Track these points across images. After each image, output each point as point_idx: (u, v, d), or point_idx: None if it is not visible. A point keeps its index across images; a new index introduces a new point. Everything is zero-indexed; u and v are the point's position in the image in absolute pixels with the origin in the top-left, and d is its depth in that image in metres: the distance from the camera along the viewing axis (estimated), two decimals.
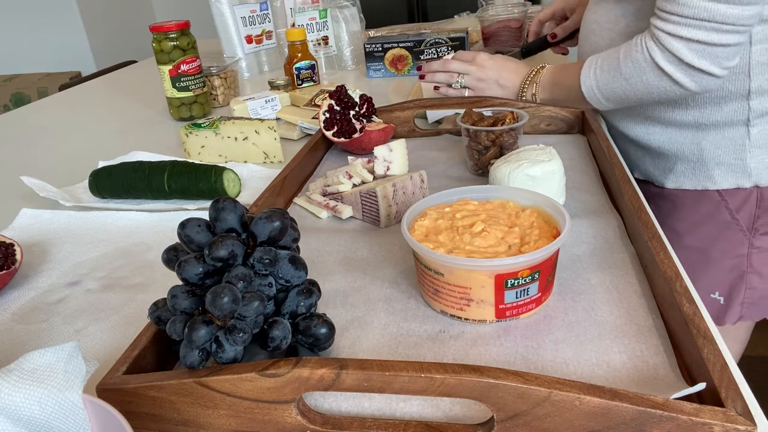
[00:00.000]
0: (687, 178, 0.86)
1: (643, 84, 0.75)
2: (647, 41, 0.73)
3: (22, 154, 1.06)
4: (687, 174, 0.85)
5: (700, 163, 0.83)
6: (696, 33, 0.68)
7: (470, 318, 0.46)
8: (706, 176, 0.84)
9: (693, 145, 0.83)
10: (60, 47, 2.78)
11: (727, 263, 0.85)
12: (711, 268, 0.86)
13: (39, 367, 0.35)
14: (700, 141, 0.82)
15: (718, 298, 0.87)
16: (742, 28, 0.67)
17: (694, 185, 0.85)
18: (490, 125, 0.73)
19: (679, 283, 0.43)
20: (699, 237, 0.86)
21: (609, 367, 0.41)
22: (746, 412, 0.32)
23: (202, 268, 0.39)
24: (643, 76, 0.74)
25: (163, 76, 1.13)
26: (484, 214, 0.51)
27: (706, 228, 0.86)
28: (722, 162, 0.82)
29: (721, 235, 0.85)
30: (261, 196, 0.65)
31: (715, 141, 0.81)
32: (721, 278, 0.86)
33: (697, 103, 0.80)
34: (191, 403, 0.38)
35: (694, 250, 0.87)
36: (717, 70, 0.70)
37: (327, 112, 0.83)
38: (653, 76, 0.74)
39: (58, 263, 0.65)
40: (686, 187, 0.86)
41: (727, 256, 0.85)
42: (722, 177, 0.82)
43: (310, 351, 0.43)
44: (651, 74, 0.74)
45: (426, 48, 1.31)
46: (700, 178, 0.84)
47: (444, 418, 0.39)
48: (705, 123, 0.81)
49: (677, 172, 0.86)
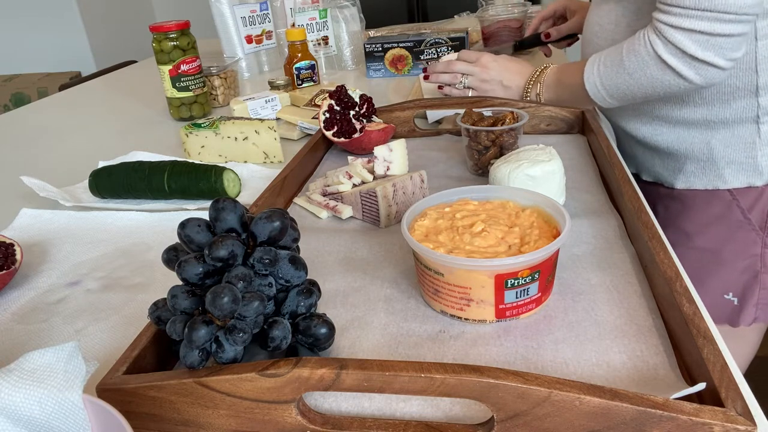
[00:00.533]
0: (697, 177, 0.85)
1: (647, 78, 0.74)
2: (650, 35, 0.72)
3: (22, 154, 1.06)
4: (697, 174, 0.85)
5: (710, 163, 0.83)
6: (698, 24, 0.67)
7: (470, 318, 0.46)
8: (717, 175, 0.83)
9: (702, 144, 0.82)
10: (60, 47, 2.78)
11: (740, 264, 0.84)
12: (723, 268, 0.85)
13: (39, 367, 0.35)
14: (710, 140, 0.81)
15: (731, 299, 0.86)
16: (745, 17, 0.66)
17: (705, 185, 0.84)
18: (490, 125, 0.73)
19: (679, 283, 0.43)
20: (710, 237, 0.86)
21: (609, 367, 0.41)
22: (746, 412, 0.32)
23: (202, 268, 0.39)
24: (647, 70, 0.74)
25: (163, 76, 1.13)
26: (484, 214, 0.51)
27: (718, 228, 0.85)
28: (733, 161, 0.81)
29: (733, 235, 0.84)
30: (261, 196, 0.65)
31: (724, 139, 0.81)
32: (734, 279, 0.85)
33: (705, 101, 0.79)
34: (191, 403, 0.38)
35: (706, 251, 0.86)
36: (722, 62, 0.69)
37: (327, 112, 0.83)
38: (657, 70, 0.73)
39: (58, 263, 0.65)
40: (697, 187, 0.85)
41: (740, 257, 0.84)
42: (733, 176, 0.82)
43: (310, 351, 0.43)
44: (654, 68, 0.73)
45: (426, 48, 1.31)
46: (710, 178, 0.84)
47: (444, 418, 0.39)
48: (714, 121, 0.80)
49: (687, 172, 0.85)
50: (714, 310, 0.87)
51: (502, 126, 0.72)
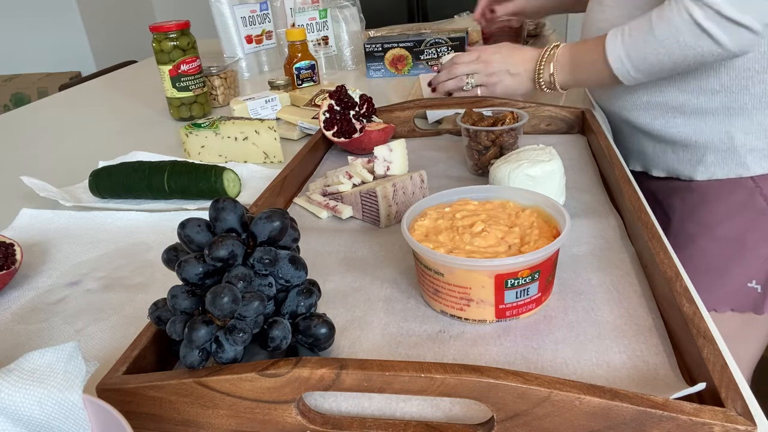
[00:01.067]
0: (719, 167, 0.84)
1: (679, 46, 0.72)
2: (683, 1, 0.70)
3: (22, 154, 1.06)
4: (718, 164, 0.84)
5: (731, 152, 0.82)
6: None
7: (470, 318, 0.46)
8: (739, 164, 0.82)
9: (722, 133, 0.82)
10: (60, 47, 2.78)
11: (764, 251, 0.84)
12: (746, 256, 0.85)
13: (39, 367, 0.35)
14: (729, 128, 0.81)
15: (755, 287, 0.86)
16: None
17: (727, 174, 0.84)
18: (490, 125, 0.73)
19: (679, 283, 0.43)
20: (733, 226, 0.85)
21: (609, 367, 0.41)
22: (746, 412, 0.32)
23: (202, 268, 0.39)
24: (680, 37, 0.72)
25: (163, 76, 1.13)
26: (484, 214, 0.51)
27: (741, 217, 0.84)
28: (754, 148, 0.81)
29: (756, 223, 0.84)
30: (261, 196, 0.65)
31: (744, 127, 0.80)
32: (757, 266, 0.85)
33: (725, 88, 0.79)
34: (191, 403, 0.38)
35: (728, 241, 0.86)
36: (757, 25, 0.68)
37: (327, 112, 0.83)
38: (691, 36, 0.71)
39: (58, 263, 0.65)
40: (719, 176, 0.85)
41: (763, 244, 0.84)
42: (756, 163, 0.81)
43: (310, 351, 0.43)
44: (689, 34, 0.71)
45: (426, 48, 1.31)
46: (732, 167, 0.83)
47: (444, 418, 0.39)
48: (733, 107, 0.79)
49: (707, 163, 0.85)
50: (738, 299, 0.87)
51: (502, 126, 0.72)
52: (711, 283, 0.87)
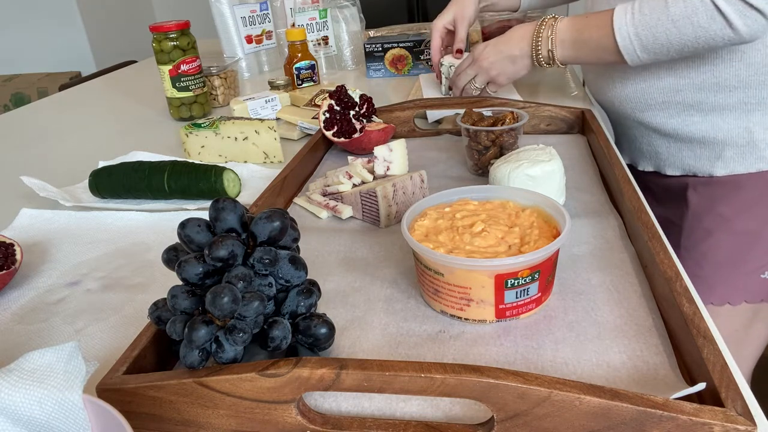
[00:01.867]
0: (738, 163, 0.84)
1: (692, 27, 0.71)
2: None
3: (22, 154, 1.06)
4: (737, 159, 0.84)
5: (750, 146, 0.83)
6: None
7: (470, 318, 0.46)
8: (759, 157, 0.83)
9: (741, 129, 0.82)
10: (60, 47, 2.78)
11: None
12: (760, 246, 0.86)
13: (39, 367, 0.35)
14: (747, 123, 0.81)
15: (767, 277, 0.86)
16: None
17: (747, 168, 0.84)
18: (490, 125, 0.73)
19: (679, 283, 0.43)
20: (751, 218, 0.86)
21: (609, 367, 0.41)
22: (746, 412, 0.32)
23: (202, 268, 0.39)
24: (694, 18, 0.71)
25: (163, 76, 1.13)
26: (484, 214, 0.51)
27: (759, 209, 0.85)
28: None
29: None
30: (261, 196, 0.65)
31: (762, 122, 0.81)
32: None
33: (742, 83, 0.79)
34: (191, 403, 0.38)
35: (745, 233, 0.86)
36: None
37: (327, 112, 0.83)
38: (705, 18, 0.70)
39: (58, 263, 0.65)
40: (738, 171, 0.85)
41: None
42: None
43: (310, 351, 0.43)
44: (704, 15, 0.70)
45: (426, 48, 1.31)
46: (752, 161, 0.84)
47: (444, 418, 0.39)
48: (751, 102, 0.80)
49: (726, 159, 0.85)
50: (751, 290, 0.87)
51: (502, 126, 0.72)
52: (727, 276, 0.88)
